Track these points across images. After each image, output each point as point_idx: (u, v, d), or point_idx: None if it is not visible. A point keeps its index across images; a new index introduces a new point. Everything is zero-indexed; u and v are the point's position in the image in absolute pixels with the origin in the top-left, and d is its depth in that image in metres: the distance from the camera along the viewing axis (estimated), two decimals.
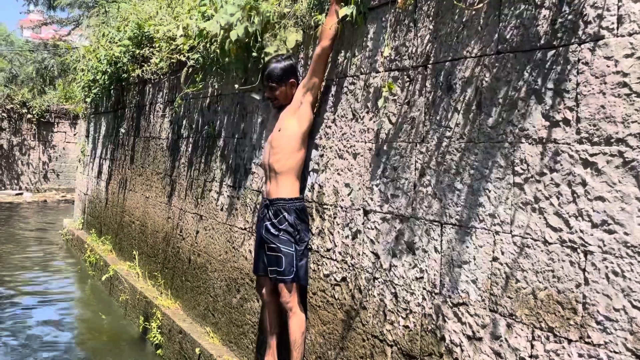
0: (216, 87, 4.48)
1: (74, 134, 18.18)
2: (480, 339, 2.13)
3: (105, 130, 8.23)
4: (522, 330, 1.97)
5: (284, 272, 3.06)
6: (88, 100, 8.51)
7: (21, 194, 17.22)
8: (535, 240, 1.94)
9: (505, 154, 2.05)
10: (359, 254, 2.80)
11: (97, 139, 8.73)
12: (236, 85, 3.91)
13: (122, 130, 7.09)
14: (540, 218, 1.93)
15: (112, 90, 7.58)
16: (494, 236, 2.08)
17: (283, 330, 3.20)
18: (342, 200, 2.93)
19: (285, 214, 3.11)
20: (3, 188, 17.62)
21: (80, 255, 8.52)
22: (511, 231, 2.02)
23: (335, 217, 2.98)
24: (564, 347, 1.84)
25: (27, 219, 13.32)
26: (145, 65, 5.98)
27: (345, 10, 2.75)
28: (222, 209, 4.27)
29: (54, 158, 18.35)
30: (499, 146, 2.08)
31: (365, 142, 2.78)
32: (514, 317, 2.00)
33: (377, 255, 2.68)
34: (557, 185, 1.88)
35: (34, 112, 17.49)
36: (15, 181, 17.89)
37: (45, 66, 17.15)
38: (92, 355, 5.14)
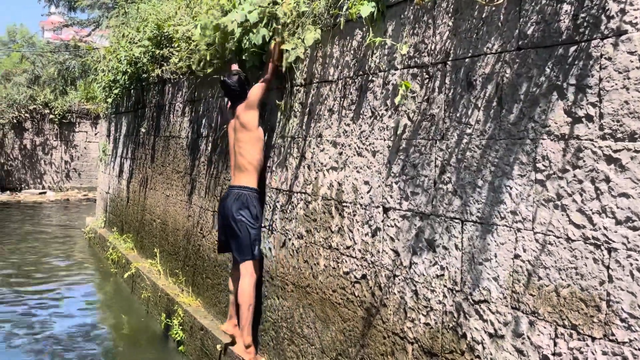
0: None
1: (95, 134, 18.43)
2: (502, 337, 2.12)
3: (125, 129, 8.33)
4: (544, 328, 1.96)
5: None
6: (109, 100, 8.62)
7: (44, 193, 17.53)
8: (557, 237, 1.93)
9: (527, 150, 2.04)
10: (378, 252, 2.80)
11: (118, 139, 8.84)
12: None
13: (143, 130, 7.17)
14: (562, 215, 1.91)
15: (132, 90, 7.68)
16: (516, 233, 2.07)
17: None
18: (362, 197, 2.93)
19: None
20: (27, 187, 17.95)
21: (102, 253, 8.65)
22: (533, 228, 2.01)
23: (354, 215, 2.99)
24: (587, 345, 1.82)
25: (50, 218, 13.56)
26: (165, 65, 6.04)
27: (367, 9, 2.75)
28: None
29: (76, 157, 18.63)
30: (521, 143, 2.06)
31: (385, 140, 2.79)
32: (536, 314, 1.99)
33: (397, 253, 2.68)
34: (580, 182, 1.86)
35: (56, 113, 17.77)
36: (39, 180, 18.21)
37: (67, 67, 17.40)
38: (115, 351, 5.22)
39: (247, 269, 3.82)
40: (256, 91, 3.86)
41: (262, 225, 3.92)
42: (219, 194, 4.74)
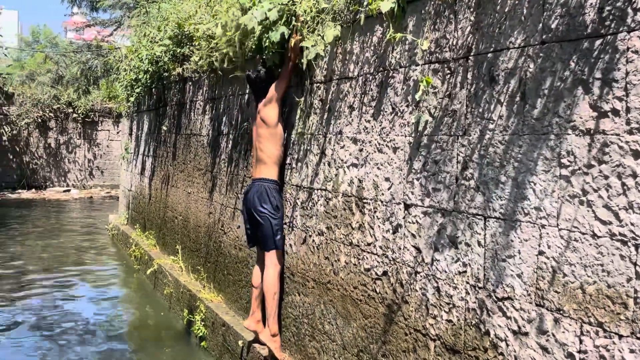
0: None
1: (117, 132, 18.68)
2: (526, 334, 2.10)
3: (147, 128, 8.43)
4: (569, 325, 1.94)
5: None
6: (131, 99, 8.73)
7: (69, 190, 17.83)
8: (583, 233, 1.90)
9: (551, 145, 2.01)
10: (400, 248, 2.79)
11: (139, 137, 8.95)
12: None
13: (164, 128, 7.25)
14: (588, 211, 1.88)
15: (153, 89, 7.76)
16: (540, 229, 2.05)
17: None
18: (382, 194, 2.93)
19: None
20: (51, 185, 18.28)
21: (125, 250, 8.77)
22: (558, 224, 1.99)
23: (375, 212, 2.98)
24: (614, 343, 1.80)
25: (74, 215, 13.80)
26: (186, 63, 6.09)
27: (387, 5, 2.73)
28: None
29: (99, 156, 18.90)
30: (545, 138, 2.04)
31: (405, 136, 2.77)
32: (561, 311, 1.97)
33: (418, 250, 2.67)
34: (606, 177, 1.83)
35: (79, 112, 18.05)
36: (63, 178, 18.53)
37: (90, 67, 17.66)
38: (138, 347, 5.30)
39: (271, 259, 3.88)
40: (276, 88, 3.88)
41: (283, 222, 3.94)
42: (240, 191, 4.77)
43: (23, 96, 17.49)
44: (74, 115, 18.13)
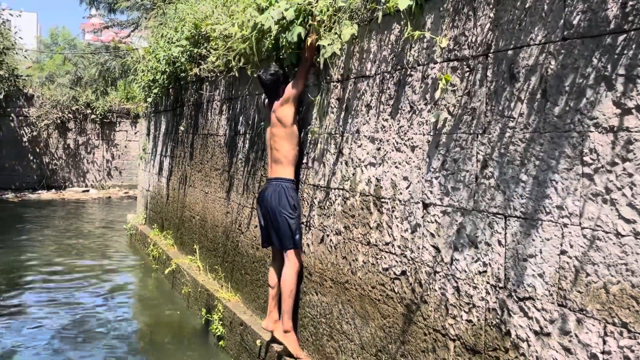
0: None
1: (135, 133, 18.86)
2: (548, 334, 2.08)
3: (165, 128, 8.49)
4: (593, 325, 1.91)
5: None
6: (149, 99, 8.80)
7: (87, 191, 18.05)
8: (606, 232, 1.87)
9: (573, 143, 1.98)
10: (418, 248, 2.78)
11: (157, 137, 9.02)
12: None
13: (181, 128, 7.30)
14: (612, 210, 1.85)
15: (170, 90, 7.82)
16: (562, 229, 2.02)
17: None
18: (401, 193, 2.91)
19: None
20: (71, 185, 18.52)
21: (143, 249, 8.85)
22: (580, 223, 1.95)
23: (393, 211, 2.97)
24: (639, 343, 1.76)
25: (93, 215, 13.96)
26: (202, 63, 6.12)
27: (405, 2, 2.72)
28: None
29: (117, 156, 19.11)
30: (567, 136, 2.01)
31: (424, 135, 2.75)
32: (584, 312, 1.94)
33: (437, 249, 2.65)
34: (630, 175, 1.80)
35: (97, 113, 18.27)
36: (82, 179, 18.76)
37: (107, 68, 17.86)
38: (157, 346, 5.34)
39: (289, 258, 3.90)
40: (292, 88, 3.88)
41: (301, 221, 3.94)
42: (256, 190, 4.78)
43: (42, 98, 17.75)
44: (93, 116, 18.35)
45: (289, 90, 3.90)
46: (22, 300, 6.62)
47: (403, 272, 2.89)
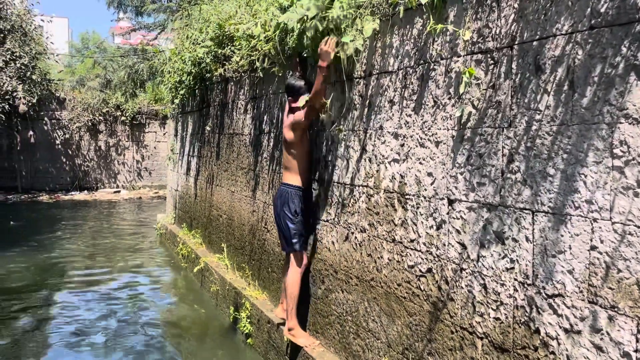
0: None
1: (164, 134, 19.13)
2: (579, 332, 2.02)
3: (192, 128, 8.58)
4: (625, 323, 1.85)
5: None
6: (176, 101, 8.91)
7: (119, 191, 18.40)
8: (638, 227, 1.80)
9: (603, 135, 1.92)
10: (444, 245, 2.74)
11: (184, 138, 9.13)
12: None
13: (208, 128, 7.36)
14: None
15: (197, 90, 7.89)
16: (592, 223, 1.96)
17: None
18: (425, 190, 2.87)
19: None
20: (102, 186, 18.90)
21: (173, 248, 8.97)
22: (611, 218, 1.89)
23: (418, 207, 2.93)
24: None
25: (124, 215, 14.22)
26: (227, 64, 6.16)
27: None
28: None
29: (146, 157, 19.42)
30: (595, 128, 1.95)
31: (448, 130, 2.71)
32: (616, 309, 1.88)
33: (463, 246, 2.61)
34: None
35: (127, 115, 18.60)
36: (113, 180, 19.13)
37: (136, 70, 18.16)
38: (187, 344, 5.40)
39: (291, 260, 4.14)
40: (303, 117, 3.94)
41: (325, 219, 3.93)
42: None
43: (74, 101, 18.15)
44: (122, 118, 18.68)
45: (300, 116, 3.97)
46: (56, 296, 6.78)
47: (429, 270, 2.85)
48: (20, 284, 7.35)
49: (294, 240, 4.05)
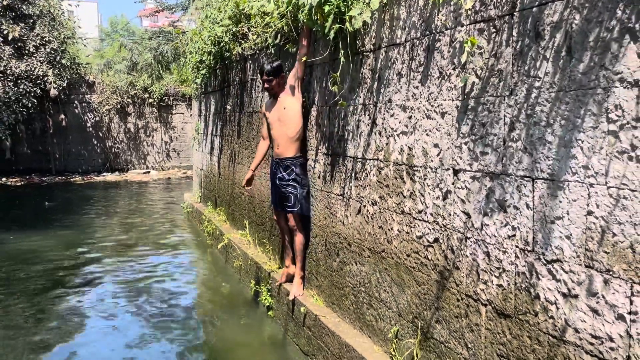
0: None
1: (190, 115, 19.36)
2: (576, 296, 2.04)
3: (214, 108, 8.70)
4: (619, 286, 1.86)
5: (292, 205, 4.57)
6: (198, 81, 9.02)
7: (148, 172, 18.78)
8: (632, 190, 1.81)
9: (598, 100, 1.92)
10: (450, 215, 2.77)
11: (207, 117, 9.26)
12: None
13: (228, 107, 7.45)
14: (638, 167, 1.79)
15: (217, 70, 7.97)
16: (588, 189, 1.97)
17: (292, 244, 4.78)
18: (432, 161, 2.90)
19: (293, 167, 4.58)
20: (132, 168, 19.32)
21: (199, 226, 9.18)
22: (606, 182, 1.90)
23: (425, 179, 2.96)
24: None
25: (154, 195, 14.55)
26: (244, 42, 6.20)
27: None
28: (319, 177, 4.39)
29: (174, 138, 19.72)
30: (592, 93, 1.94)
31: (453, 100, 2.72)
32: (611, 272, 1.90)
33: (468, 215, 2.63)
34: None
35: (154, 96, 18.87)
36: (142, 161, 19.52)
37: (161, 52, 18.36)
38: (212, 316, 5.58)
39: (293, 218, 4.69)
40: (293, 77, 4.52)
41: (339, 193, 3.98)
42: None
43: (103, 84, 18.49)
44: (150, 100, 18.96)
45: (291, 79, 4.57)
46: (90, 273, 7.05)
47: (436, 240, 2.89)
48: (56, 260, 7.66)
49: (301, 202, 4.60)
